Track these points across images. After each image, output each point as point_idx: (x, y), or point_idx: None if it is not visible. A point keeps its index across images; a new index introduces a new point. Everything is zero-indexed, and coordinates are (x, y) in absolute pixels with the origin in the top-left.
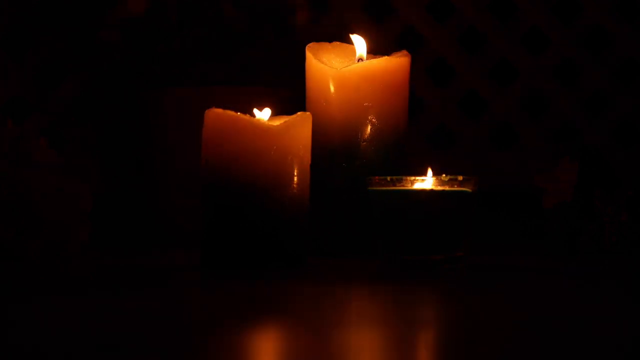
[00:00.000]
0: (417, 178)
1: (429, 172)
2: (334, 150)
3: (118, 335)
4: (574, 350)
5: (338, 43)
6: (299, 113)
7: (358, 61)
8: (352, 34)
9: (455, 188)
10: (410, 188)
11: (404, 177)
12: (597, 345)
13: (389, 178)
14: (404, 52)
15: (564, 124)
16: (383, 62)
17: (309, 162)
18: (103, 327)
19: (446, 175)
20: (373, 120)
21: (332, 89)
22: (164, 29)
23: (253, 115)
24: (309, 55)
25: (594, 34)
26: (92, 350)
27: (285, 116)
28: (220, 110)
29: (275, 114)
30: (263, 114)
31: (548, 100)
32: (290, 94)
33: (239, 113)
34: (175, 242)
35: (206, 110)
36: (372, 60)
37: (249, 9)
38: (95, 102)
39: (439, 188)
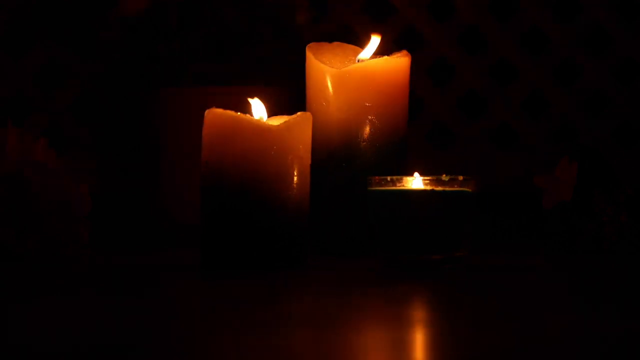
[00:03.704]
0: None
1: (416, 174)
2: (333, 150)
3: (118, 335)
4: (573, 351)
5: (338, 43)
6: (299, 113)
7: (358, 61)
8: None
9: (456, 188)
10: (410, 188)
11: (404, 177)
12: (597, 345)
13: (389, 178)
14: (404, 52)
15: (564, 124)
16: (383, 62)
17: (309, 162)
18: (103, 327)
19: (446, 175)
20: (373, 120)
21: (332, 89)
22: (164, 29)
23: (251, 113)
24: (309, 55)
25: (594, 34)
26: (92, 351)
27: (285, 116)
28: (220, 110)
29: (275, 114)
30: (257, 107)
31: (548, 100)
32: (290, 94)
33: (239, 113)
34: (175, 242)
35: (206, 110)
36: (372, 60)
37: (248, 8)
38: (95, 102)
39: (439, 188)
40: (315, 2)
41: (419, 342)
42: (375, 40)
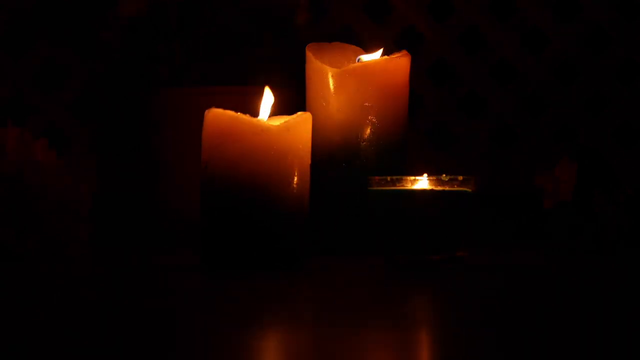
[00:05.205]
0: (417, 178)
1: (424, 175)
2: (333, 150)
3: (118, 335)
4: (573, 351)
5: (338, 43)
6: (299, 113)
7: (358, 61)
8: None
9: (455, 188)
10: (410, 188)
11: (404, 177)
12: (596, 345)
13: (389, 178)
14: (404, 52)
15: (564, 124)
16: (383, 62)
17: (309, 162)
18: (103, 327)
19: (446, 175)
20: (373, 120)
21: (332, 89)
22: (164, 29)
23: (256, 107)
24: (309, 55)
25: (594, 34)
26: (92, 351)
27: (285, 116)
28: (220, 110)
29: (275, 114)
30: (267, 97)
31: (548, 100)
32: (290, 94)
33: (239, 113)
34: (175, 242)
35: (206, 110)
36: (372, 60)
37: (248, 8)
38: (95, 102)
39: (439, 188)
40: (315, 2)
41: (419, 342)
42: (379, 52)
